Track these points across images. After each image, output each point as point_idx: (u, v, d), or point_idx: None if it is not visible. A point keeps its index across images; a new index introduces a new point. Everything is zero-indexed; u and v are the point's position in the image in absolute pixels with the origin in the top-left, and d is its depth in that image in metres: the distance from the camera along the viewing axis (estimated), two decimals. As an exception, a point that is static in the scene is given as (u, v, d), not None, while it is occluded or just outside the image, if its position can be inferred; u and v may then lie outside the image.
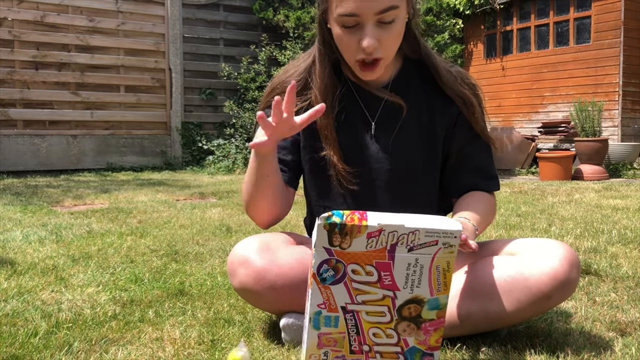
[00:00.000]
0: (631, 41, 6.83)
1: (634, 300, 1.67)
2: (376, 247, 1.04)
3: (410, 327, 1.11)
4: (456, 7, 8.15)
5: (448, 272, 1.08)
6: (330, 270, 1.06)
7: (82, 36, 7.39)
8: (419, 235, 1.04)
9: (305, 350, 1.13)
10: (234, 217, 3.44)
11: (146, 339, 1.37)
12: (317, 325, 1.10)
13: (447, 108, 1.42)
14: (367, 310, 1.09)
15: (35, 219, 3.31)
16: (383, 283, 1.07)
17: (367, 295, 1.08)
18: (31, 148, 7.06)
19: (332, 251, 1.05)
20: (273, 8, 8.46)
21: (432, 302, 1.10)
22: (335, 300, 1.09)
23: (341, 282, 1.07)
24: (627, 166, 6.63)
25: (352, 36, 1.26)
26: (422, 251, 1.05)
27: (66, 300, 1.70)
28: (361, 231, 1.03)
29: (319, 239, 1.04)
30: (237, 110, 8.10)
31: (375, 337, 1.12)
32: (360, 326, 1.11)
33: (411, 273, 1.07)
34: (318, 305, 1.09)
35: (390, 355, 1.13)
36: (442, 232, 1.04)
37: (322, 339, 1.11)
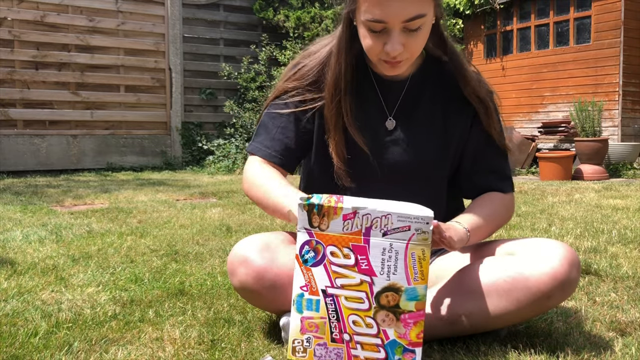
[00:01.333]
0: (631, 41, 6.83)
1: (634, 300, 1.67)
2: (352, 229, 1.11)
3: (389, 318, 1.13)
4: (456, 7, 8.15)
5: (424, 260, 1.11)
6: (311, 252, 1.13)
7: (82, 36, 7.39)
8: (392, 219, 1.10)
9: (289, 335, 1.16)
10: (234, 217, 3.44)
11: (146, 339, 1.37)
12: (300, 308, 1.15)
13: (464, 108, 1.43)
14: (346, 295, 1.13)
15: (35, 219, 3.31)
16: (360, 267, 1.12)
17: (346, 279, 1.13)
18: (31, 148, 7.07)
19: (312, 232, 1.12)
20: (273, 8, 8.46)
21: (410, 291, 1.11)
22: (316, 283, 1.14)
23: (321, 264, 1.13)
24: (627, 166, 6.63)
25: (377, 39, 1.27)
26: (396, 236, 1.11)
27: (66, 300, 1.70)
28: (337, 213, 1.10)
29: (300, 220, 1.12)
30: (237, 110, 8.10)
31: (355, 326, 1.14)
32: (340, 312, 1.14)
33: (387, 259, 1.11)
34: (300, 287, 1.14)
35: (371, 348, 1.14)
36: (414, 217, 1.10)
37: (305, 324, 1.15)
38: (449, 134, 1.43)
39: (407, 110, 1.42)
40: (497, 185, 1.45)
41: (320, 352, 1.16)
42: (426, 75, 1.45)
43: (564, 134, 7.08)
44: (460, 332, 1.29)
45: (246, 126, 7.98)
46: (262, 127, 1.47)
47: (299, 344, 1.16)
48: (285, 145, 1.44)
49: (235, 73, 8.24)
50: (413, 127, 1.42)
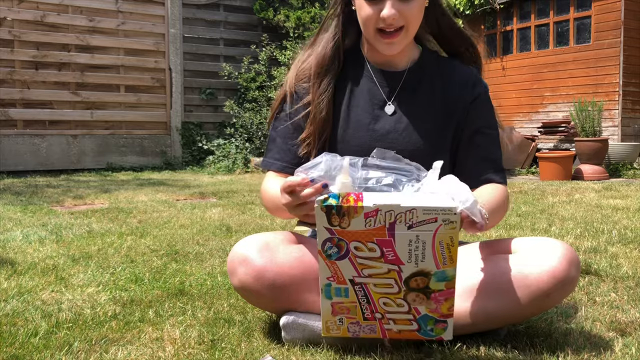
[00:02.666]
0: (631, 41, 6.83)
1: (634, 300, 1.67)
2: (375, 225, 1.08)
3: (420, 297, 1.14)
4: (456, 7, 8.15)
5: (452, 246, 1.09)
6: (333, 248, 1.10)
7: (82, 36, 7.39)
8: (417, 214, 1.06)
9: (322, 317, 1.18)
10: (234, 217, 3.44)
11: (146, 339, 1.37)
12: (329, 295, 1.15)
13: (462, 97, 1.46)
14: (374, 283, 1.13)
15: (35, 219, 3.31)
16: (387, 258, 1.11)
17: (373, 269, 1.12)
18: (31, 148, 7.06)
19: (333, 230, 1.09)
20: (273, 8, 8.46)
21: (439, 274, 1.12)
22: (342, 274, 1.13)
23: (346, 258, 1.11)
24: (627, 166, 6.63)
25: (374, 7, 1.33)
26: (422, 228, 1.08)
27: (66, 300, 1.70)
28: (358, 212, 1.06)
29: (318, 220, 1.08)
30: (237, 110, 8.10)
31: (386, 306, 1.16)
32: (370, 296, 1.15)
33: (414, 249, 1.09)
34: (327, 278, 1.14)
35: (404, 322, 1.17)
36: (440, 210, 1.06)
37: (336, 307, 1.16)
38: (447, 121, 1.46)
39: (406, 97, 1.46)
40: (493, 176, 1.45)
41: (353, 329, 1.18)
42: (424, 67, 1.49)
43: (564, 134, 7.08)
44: (461, 331, 1.29)
45: (246, 126, 7.98)
46: (271, 142, 1.52)
47: (332, 324, 1.18)
48: (295, 154, 1.47)
49: (236, 73, 8.24)
50: (412, 113, 1.45)
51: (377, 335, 1.19)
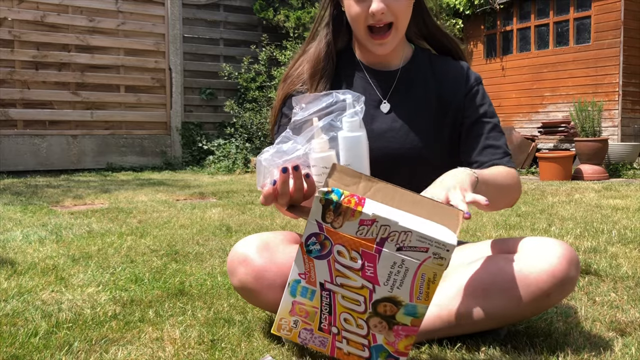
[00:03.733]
0: (631, 41, 6.83)
1: (633, 300, 1.67)
2: (366, 235, 1.04)
3: (382, 325, 1.11)
4: (456, 7, 8.15)
5: (433, 283, 1.06)
6: (317, 244, 1.08)
7: (82, 36, 7.39)
8: (411, 237, 1.02)
9: (278, 313, 1.15)
10: (234, 217, 3.44)
11: (146, 339, 1.37)
12: (294, 292, 1.13)
13: (456, 92, 1.47)
14: (343, 294, 1.10)
15: (35, 219, 3.31)
16: (365, 273, 1.07)
17: (347, 279, 1.09)
18: (31, 148, 7.07)
19: (323, 227, 1.06)
20: (273, 8, 8.46)
21: (409, 307, 1.08)
22: (315, 274, 1.10)
23: (325, 259, 1.08)
24: (627, 166, 6.63)
25: (362, 4, 1.34)
26: (410, 254, 1.04)
27: (66, 300, 1.70)
28: (355, 215, 1.03)
29: (313, 211, 1.06)
30: (237, 110, 8.10)
31: (345, 323, 1.12)
32: (334, 307, 1.12)
33: (394, 272, 1.06)
34: (299, 274, 1.11)
35: (356, 345, 1.13)
36: (435, 242, 1.02)
37: (296, 308, 1.14)
38: (443, 117, 1.46)
39: (400, 95, 1.47)
40: (498, 161, 1.43)
41: (305, 336, 1.15)
42: (417, 66, 1.50)
43: (564, 134, 7.08)
44: (460, 331, 1.29)
45: (246, 126, 7.98)
46: None
47: (286, 323, 1.15)
48: None
49: (236, 73, 8.24)
50: (408, 111, 1.45)
51: (326, 351, 1.16)
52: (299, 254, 1.10)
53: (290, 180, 1.14)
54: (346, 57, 1.50)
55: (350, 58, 1.51)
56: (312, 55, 1.46)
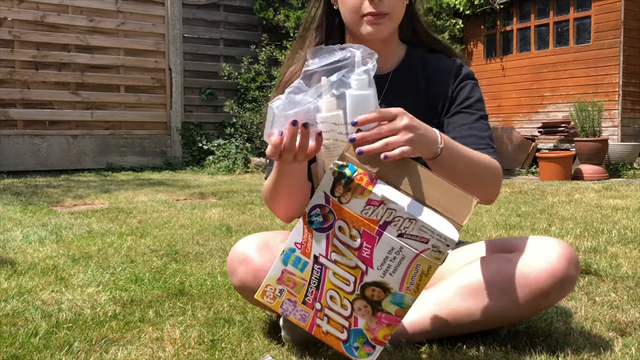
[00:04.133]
0: (631, 41, 6.83)
1: (634, 300, 1.67)
2: (370, 215, 1.06)
3: (366, 309, 1.11)
4: (456, 7, 8.15)
5: (426, 276, 1.07)
6: (320, 217, 1.09)
7: (82, 36, 7.39)
8: (414, 226, 1.04)
9: (266, 279, 1.15)
10: (234, 217, 3.44)
11: (146, 339, 1.37)
12: (286, 261, 1.13)
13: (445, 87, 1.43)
14: (335, 271, 1.11)
15: (35, 219, 3.31)
16: (361, 253, 1.08)
17: (342, 257, 1.10)
18: (31, 148, 7.07)
19: (330, 199, 1.07)
20: (273, 8, 8.47)
21: (397, 296, 1.09)
22: (311, 246, 1.11)
23: (325, 233, 1.09)
24: (627, 166, 6.63)
25: None
26: (410, 242, 1.05)
27: (66, 300, 1.70)
28: (364, 194, 1.05)
29: (324, 183, 1.07)
30: (237, 110, 8.11)
31: (330, 300, 1.12)
32: (323, 282, 1.12)
33: (390, 258, 1.07)
34: (295, 243, 1.12)
35: (336, 325, 1.13)
36: (437, 234, 1.03)
37: (284, 276, 1.14)
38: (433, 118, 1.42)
39: (392, 99, 1.42)
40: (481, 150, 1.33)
41: (287, 307, 1.15)
42: (409, 67, 1.47)
43: (564, 134, 7.08)
44: (460, 331, 1.29)
45: (246, 126, 7.98)
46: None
47: (271, 290, 1.15)
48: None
49: (236, 73, 8.24)
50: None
51: (305, 326, 1.15)
52: (299, 224, 1.10)
53: (297, 135, 1.11)
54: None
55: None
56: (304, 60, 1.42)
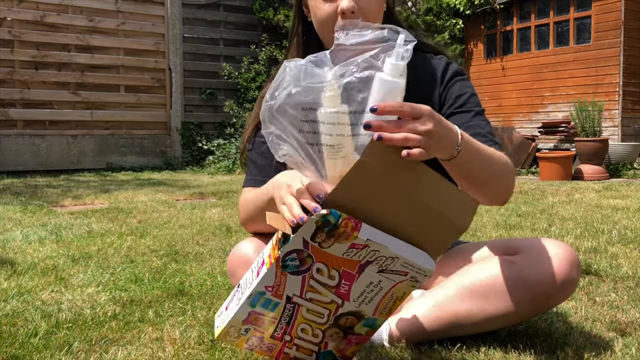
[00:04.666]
0: (631, 41, 6.83)
1: (634, 300, 1.67)
2: (352, 257, 1.00)
3: (338, 335, 1.11)
4: (456, 7, 8.15)
5: (400, 300, 1.06)
6: (296, 261, 1.01)
7: (82, 36, 7.39)
8: (396, 263, 1.01)
9: (229, 321, 1.08)
10: (234, 217, 3.44)
11: (146, 339, 1.37)
12: (255, 303, 1.06)
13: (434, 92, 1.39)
14: (308, 308, 1.07)
15: (35, 219, 3.31)
16: (338, 290, 1.04)
17: (317, 295, 1.05)
18: (31, 148, 7.07)
19: (310, 245, 0.99)
20: (273, 8, 8.47)
21: (370, 320, 1.09)
22: (284, 289, 1.04)
23: (300, 275, 1.03)
24: (627, 166, 6.63)
25: (329, 5, 1.26)
26: (390, 276, 1.03)
27: (66, 300, 1.69)
28: (348, 239, 0.98)
29: (304, 229, 0.97)
30: (237, 110, 8.11)
31: (301, 332, 1.11)
32: (294, 319, 1.09)
33: (368, 290, 1.05)
34: (266, 287, 1.04)
35: (306, 351, 1.13)
36: (417, 268, 1.02)
37: (251, 317, 1.08)
38: None
39: None
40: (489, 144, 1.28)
41: (253, 342, 1.13)
42: None
43: (564, 134, 7.08)
44: (461, 332, 1.29)
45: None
46: (250, 163, 1.45)
47: (235, 331, 1.10)
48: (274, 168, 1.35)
49: (236, 73, 8.24)
50: None
51: (272, 355, 1.14)
52: (271, 268, 1.02)
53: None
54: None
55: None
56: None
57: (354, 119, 0.99)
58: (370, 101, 0.98)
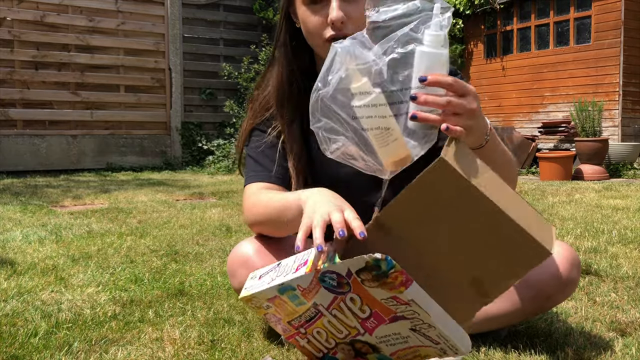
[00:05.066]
0: (631, 41, 6.83)
1: (634, 300, 1.67)
2: (390, 306, 0.96)
3: (350, 353, 1.09)
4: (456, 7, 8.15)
5: (421, 358, 1.03)
6: (334, 281, 0.96)
7: (82, 36, 7.39)
8: (431, 332, 0.96)
9: (255, 292, 1.05)
10: (234, 217, 3.44)
11: (146, 339, 1.37)
12: (283, 292, 1.02)
13: None
14: (330, 320, 1.04)
15: (35, 219, 3.31)
16: (364, 323, 1.01)
17: (342, 315, 1.01)
18: (31, 148, 7.06)
19: (353, 277, 0.93)
20: (273, 8, 8.47)
21: (385, 357, 1.06)
22: (314, 295, 1.00)
23: (333, 294, 0.99)
24: (628, 166, 6.63)
25: (319, 14, 1.22)
26: (420, 337, 0.98)
27: (66, 300, 1.69)
28: (392, 290, 0.92)
29: (352, 261, 0.92)
30: (237, 110, 8.11)
31: (317, 334, 1.09)
32: (314, 321, 1.06)
33: (393, 337, 1.01)
34: (298, 286, 1.00)
35: (315, 348, 1.12)
36: (451, 344, 0.96)
37: (276, 300, 1.05)
38: None
39: None
40: None
41: (270, 317, 1.11)
42: None
43: (564, 134, 7.08)
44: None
45: (246, 126, 7.98)
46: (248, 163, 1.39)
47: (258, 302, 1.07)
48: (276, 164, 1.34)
49: (236, 73, 8.24)
50: None
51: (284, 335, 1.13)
52: (310, 274, 0.97)
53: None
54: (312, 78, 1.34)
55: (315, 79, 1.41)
56: (275, 82, 1.35)
57: (401, 96, 0.95)
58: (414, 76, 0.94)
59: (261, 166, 1.35)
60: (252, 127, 1.39)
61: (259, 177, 1.34)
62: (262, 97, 1.38)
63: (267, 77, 1.40)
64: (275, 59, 1.37)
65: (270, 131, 1.35)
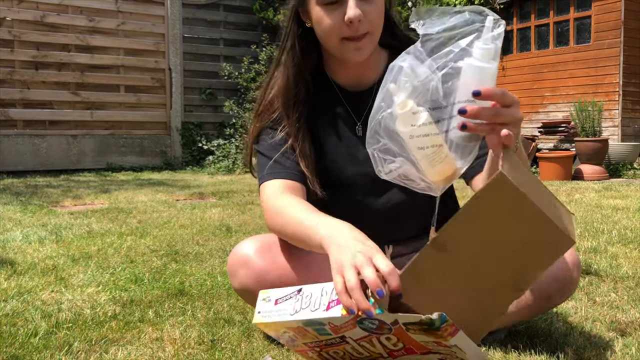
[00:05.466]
0: (631, 41, 6.83)
1: (634, 300, 1.67)
2: (428, 346, 0.96)
3: None
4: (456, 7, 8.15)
5: None
6: (374, 325, 0.94)
7: (82, 36, 7.39)
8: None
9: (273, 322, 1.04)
10: (234, 217, 3.44)
11: (146, 339, 1.37)
12: (309, 325, 1.01)
13: None
14: (354, 347, 1.03)
15: (35, 219, 3.31)
16: (392, 352, 1.00)
17: (370, 346, 1.01)
18: (31, 148, 7.07)
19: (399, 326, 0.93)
20: (273, 8, 8.47)
21: None
22: (345, 331, 0.99)
23: (368, 333, 0.98)
24: (627, 166, 6.63)
25: (335, 13, 1.21)
26: None
27: (66, 300, 1.69)
28: (437, 337, 0.92)
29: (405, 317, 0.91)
30: (237, 110, 8.11)
31: (333, 353, 1.08)
32: (334, 346, 1.05)
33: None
34: (329, 322, 0.97)
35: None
36: None
37: (297, 329, 1.04)
38: None
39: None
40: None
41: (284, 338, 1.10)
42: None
43: (564, 134, 7.08)
44: (460, 332, 1.29)
45: (246, 126, 7.97)
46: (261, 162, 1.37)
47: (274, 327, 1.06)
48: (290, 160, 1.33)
49: (236, 73, 8.24)
50: None
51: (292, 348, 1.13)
52: (345, 317, 0.94)
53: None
54: (319, 80, 1.38)
55: (323, 81, 1.38)
56: (281, 83, 1.34)
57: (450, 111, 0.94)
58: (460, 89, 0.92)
59: (275, 163, 1.33)
60: (261, 127, 1.38)
61: (275, 175, 1.32)
62: (268, 98, 1.38)
63: (273, 77, 1.39)
64: (281, 59, 1.36)
65: (280, 129, 1.34)
